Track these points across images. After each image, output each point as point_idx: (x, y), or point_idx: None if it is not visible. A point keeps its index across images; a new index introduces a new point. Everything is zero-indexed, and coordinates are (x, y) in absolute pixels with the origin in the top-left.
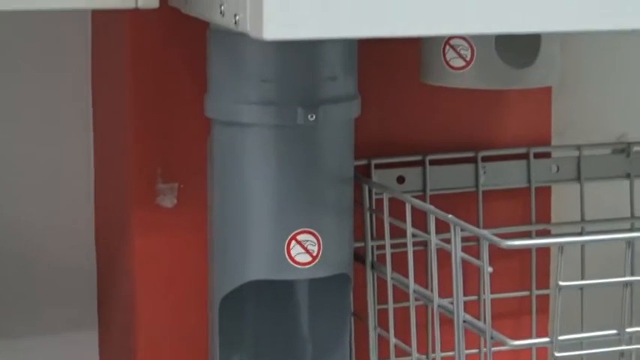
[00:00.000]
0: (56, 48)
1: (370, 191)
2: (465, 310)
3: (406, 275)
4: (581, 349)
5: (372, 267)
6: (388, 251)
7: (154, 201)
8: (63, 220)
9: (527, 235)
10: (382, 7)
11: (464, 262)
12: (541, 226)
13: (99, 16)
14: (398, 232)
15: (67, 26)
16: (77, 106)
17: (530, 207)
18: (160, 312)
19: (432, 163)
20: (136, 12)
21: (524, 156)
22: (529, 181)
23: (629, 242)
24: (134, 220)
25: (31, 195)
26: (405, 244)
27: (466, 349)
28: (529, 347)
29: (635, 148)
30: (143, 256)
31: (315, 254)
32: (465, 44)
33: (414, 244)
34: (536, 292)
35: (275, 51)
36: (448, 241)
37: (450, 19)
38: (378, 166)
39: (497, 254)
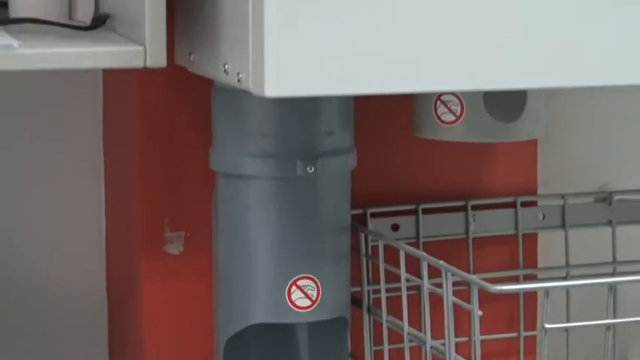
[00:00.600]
0: (69, 103)
1: (366, 239)
2: (457, 351)
3: (401, 318)
4: None
5: (369, 310)
6: (383, 295)
7: (162, 248)
8: (76, 267)
9: (515, 279)
10: (377, 66)
11: (455, 305)
12: (528, 271)
13: (109, 73)
14: (393, 277)
15: (80, 83)
16: (89, 159)
17: (517, 252)
18: (168, 354)
19: (425, 211)
20: (144, 70)
21: (512, 204)
22: (516, 228)
23: (611, 286)
24: (143, 267)
25: (47, 243)
26: (399, 289)
27: None
28: None
29: (617, 197)
30: (151, 300)
31: (314, 299)
32: (455, 100)
33: (408, 288)
34: (523, 334)
35: (276, 107)
36: (440, 285)
37: (441, 76)
38: (373, 215)
39: (487, 298)
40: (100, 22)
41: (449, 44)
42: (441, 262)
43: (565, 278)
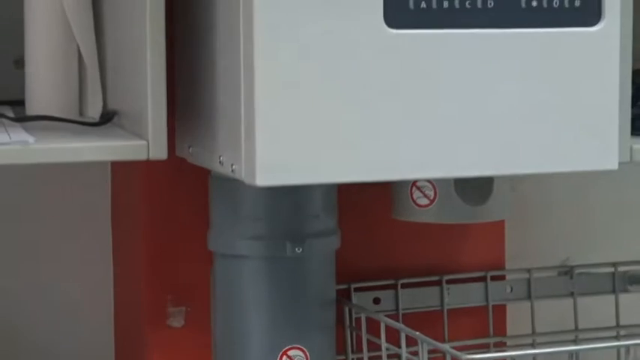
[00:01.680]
0: (82, 190)
1: (350, 311)
2: None
3: None
4: None
5: None
6: None
7: (165, 322)
8: (87, 338)
9: (486, 346)
10: (357, 158)
11: None
12: (498, 339)
13: (117, 163)
14: (374, 347)
15: (91, 172)
16: (100, 240)
17: (488, 322)
18: None
19: (404, 286)
20: (148, 162)
21: (483, 279)
22: (487, 300)
23: (573, 354)
24: (148, 339)
25: (60, 316)
26: (380, 357)
27: None
28: None
29: (577, 271)
30: None
31: None
32: (429, 186)
33: (388, 356)
34: None
35: (266, 194)
36: (417, 353)
37: (416, 166)
38: (357, 290)
39: None
40: (107, 118)
41: (423, 139)
42: (417, 333)
43: (532, 345)
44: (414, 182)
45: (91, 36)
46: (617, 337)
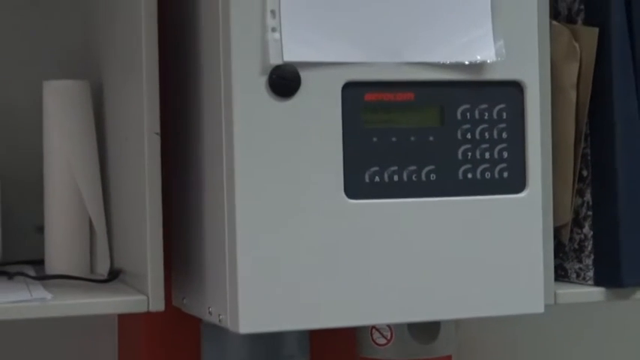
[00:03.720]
0: (92, 336)
1: None
2: None
3: None
4: None
5: None
6: None
7: None
8: None
9: None
10: (325, 309)
11: None
12: None
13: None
14: None
15: (100, 321)
16: None
17: None
18: None
19: None
20: (148, 313)
21: None
22: None
23: None
24: None
25: None
26: None
27: None
28: None
29: None
30: None
31: None
32: (386, 328)
33: None
34: None
35: (248, 338)
36: None
37: (374, 314)
38: None
39: None
40: (114, 276)
41: (379, 291)
42: None
43: None
44: (374, 325)
45: (100, 207)
46: None
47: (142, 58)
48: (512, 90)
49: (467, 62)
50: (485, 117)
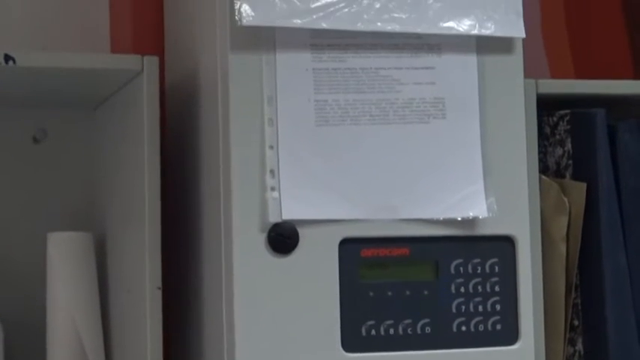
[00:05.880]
0: None
1: None
2: None
3: None
4: None
5: None
6: None
7: None
8: None
9: None
10: None
11: None
12: None
13: None
14: None
15: None
16: None
17: None
18: None
19: None
20: None
21: None
22: None
23: None
24: None
25: None
26: None
27: None
28: None
29: None
30: None
31: None
32: None
33: None
34: None
35: None
36: None
37: None
38: None
39: None
40: None
41: None
42: None
43: None
44: None
45: (101, 358)
46: None
47: (145, 212)
48: (504, 244)
49: (460, 218)
50: (478, 271)
